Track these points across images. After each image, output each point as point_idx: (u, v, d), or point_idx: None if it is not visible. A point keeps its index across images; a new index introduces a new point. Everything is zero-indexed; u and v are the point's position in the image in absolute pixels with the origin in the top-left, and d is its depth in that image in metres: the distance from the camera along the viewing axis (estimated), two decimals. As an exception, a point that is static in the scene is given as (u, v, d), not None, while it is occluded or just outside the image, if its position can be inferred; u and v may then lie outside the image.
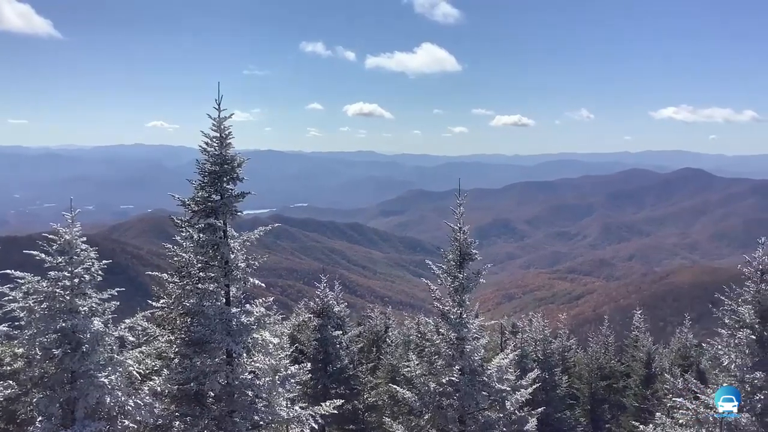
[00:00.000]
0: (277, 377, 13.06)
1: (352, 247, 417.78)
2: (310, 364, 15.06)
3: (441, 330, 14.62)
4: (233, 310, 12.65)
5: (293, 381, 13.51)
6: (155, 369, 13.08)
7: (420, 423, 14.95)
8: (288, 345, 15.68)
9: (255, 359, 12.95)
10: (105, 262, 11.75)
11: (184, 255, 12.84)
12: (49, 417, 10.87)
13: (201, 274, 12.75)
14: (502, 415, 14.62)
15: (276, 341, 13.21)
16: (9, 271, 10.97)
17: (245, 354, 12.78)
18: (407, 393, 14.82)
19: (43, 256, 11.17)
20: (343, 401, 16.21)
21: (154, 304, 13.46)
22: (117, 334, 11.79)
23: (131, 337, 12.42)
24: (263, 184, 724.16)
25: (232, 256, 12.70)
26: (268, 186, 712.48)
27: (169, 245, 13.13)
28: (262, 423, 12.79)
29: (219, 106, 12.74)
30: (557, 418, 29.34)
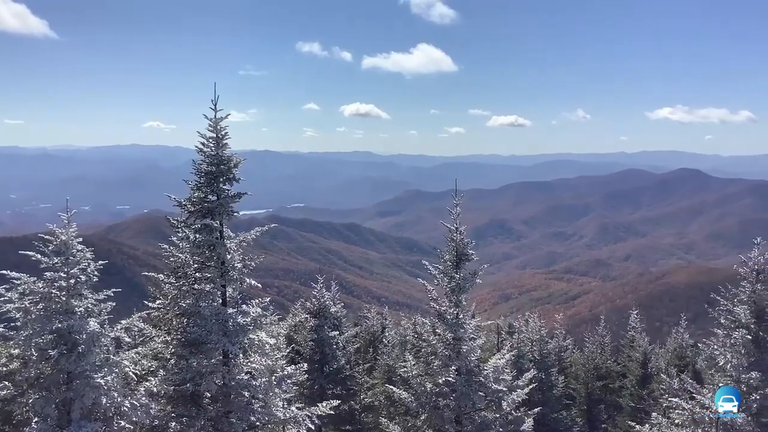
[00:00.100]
0: (274, 378, 13.04)
1: (348, 248, 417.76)
2: (306, 364, 15.05)
3: (437, 330, 14.64)
4: (230, 310, 12.63)
5: (290, 382, 13.50)
6: (151, 370, 13.06)
7: (416, 423, 14.95)
8: (284, 346, 15.68)
9: (251, 360, 12.94)
10: (101, 262, 11.74)
11: (180, 255, 12.83)
12: (45, 418, 10.85)
13: (197, 274, 12.74)
14: (498, 416, 14.64)
15: (272, 342, 13.19)
16: (5, 272, 10.94)
17: (242, 355, 12.77)
18: (404, 393, 14.83)
19: (39, 256, 11.15)
20: (340, 402, 16.21)
21: (150, 304, 13.44)
22: (113, 334, 11.79)
23: (127, 338, 12.43)
24: (260, 184, 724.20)
25: (228, 256, 12.69)
26: (264, 186, 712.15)
27: (166, 246, 13.12)
28: (258, 424, 12.77)
29: (215, 106, 12.73)
30: (554, 418, 29.37)
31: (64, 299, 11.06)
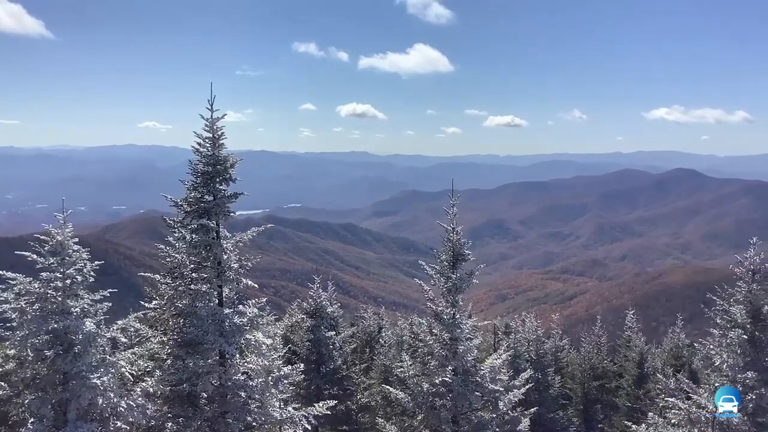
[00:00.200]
0: (270, 378, 13.04)
1: (345, 248, 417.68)
2: (303, 364, 15.05)
3: (434, 330, 14.63)
4: (226, 311, 12.63)
5: (286, 382, 13.49)
6: (148, 370, 13.03)
7: (413, 423, 14.94)
8: (281, 346, 15.66)
9: (248, 360, 12.93)
10: (97, 263, 11.72)
11: (176, 256, 12.81)
12: (41, 418, 10.83)
13: (194, 275, 12.72)
14: (495, 416, 14.64)
15: (269, 342, 13.18)
16: (1, 272, 10.91)
17: (238, 355, 12.76)
18: (400, 393, 14.83)
19: (35, 257, 11.13)
20: (337, 402, 16.22)
21: (146, 305, 13.43)
22: (109, 335, 11.77)
23: (124, 338, 12.40)
24: (256, 184, 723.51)
25: (224, 256, 12.68)
26: (261, 186, 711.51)
27: (162, 246, 13.10)
28: (255, 424, 12.77)
29: (212, 106, 12.72)
30: (550, 418, 29.38)
31: (60, 299, 11.05)
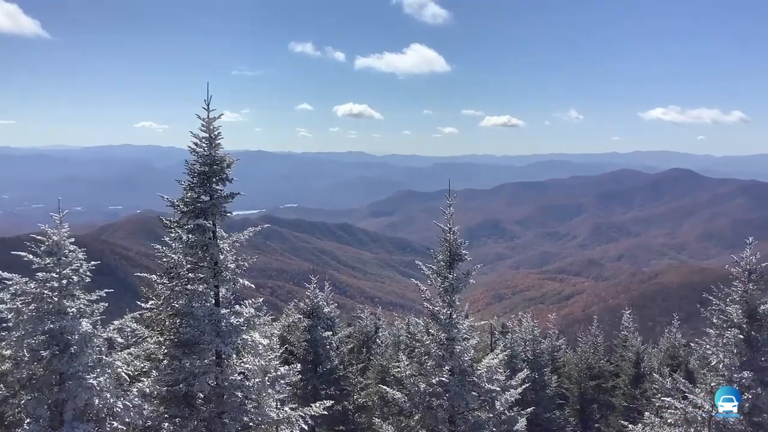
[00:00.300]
0: (267, 378, 13.03)
1: (342, 248, 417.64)
2: (300, 365, 15.02)
3: (431, 330, 14.64)
4: (223, 311, 12.61)
5: (283, 382, 13.47)
6: (144, 370, 13.02)
7: (410, 423, 14.94)
8: (278, 346, 15.64)
9: (245, 360, 12.92)
10: (93, 263, 11.69)
11: (173, 256, 12.79)
12: (37, 419, 10.80)
13: (190, 275, 12.71)
14: (491, 415, 14.65)
15: (266, 342, 13.17)
16: (-4, 272, 10.90)
17: (235, 355, 12.75)
18: (397, 393, 14.83)
19: (31, 257, 11.10)
20: (333, 402, 16.20)
21: (143, 305, 13.40)
22: (106, 335, 11.75)
23: (120, 339, 12.39)
24: (253, 184, 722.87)
25: (221, 257, 12.67)
26: (257, 187, 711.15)
27: (158, 246, 13.08)
28: (251, 424, 12.75)
29: (208, 106, 12.70)
30: (547, 417, 29.41)
31: (56, 300, 11.02)
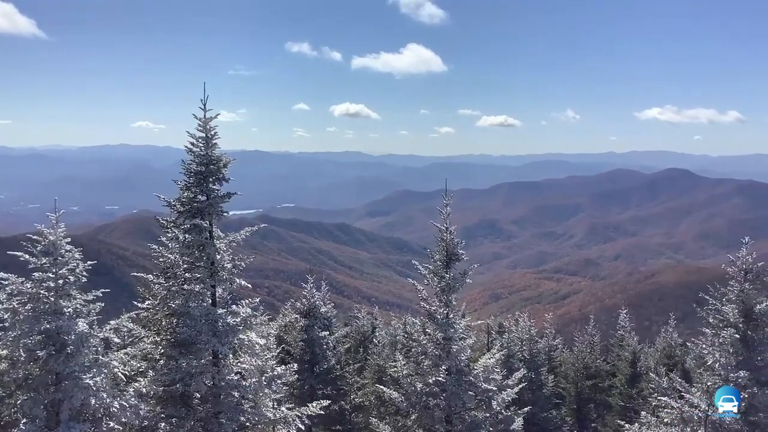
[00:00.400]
0: (264, 378, 13.02)
1: (338, 248, 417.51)
2: (296, 364, 15.03)
3: (428, 330, 14.65)
4: (219, 311, 12.60)
5: (280, 382, 13.48)
6: (141, 370, 12.99)
7: (407, 423, 14.95)
8: (274, 346, 15.65)
9: (241, 360, 12.91)
10: (90, 263, 11.67)
11: (169, 256, 12.78)
12: (34, 419, 10.79)
13: (187, 275, 12.70)
14: (488, 415, 14.67)
15: (262, 342, 13.17)
16: (-7, 272, 10.88)
17: (231, 355, 12.75)
18: (394, 393, 14.83)
19: (28, 257, 11.07)
20: (330, 402, 16.19)
21: (139, 305, 13.40)
22: (102, 335, 11.72)
23: (116, 339, 12.35)
24: (250, 184, 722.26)
25: (218, 256, 12.66)
26: (254, 186, 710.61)
27: (155, 246, 13.07)
28: (248, 424, 12.74)
29: (205, 106, 12.70)
30: (543, 417, 29.47)
31: (52, 300, 11.00)
